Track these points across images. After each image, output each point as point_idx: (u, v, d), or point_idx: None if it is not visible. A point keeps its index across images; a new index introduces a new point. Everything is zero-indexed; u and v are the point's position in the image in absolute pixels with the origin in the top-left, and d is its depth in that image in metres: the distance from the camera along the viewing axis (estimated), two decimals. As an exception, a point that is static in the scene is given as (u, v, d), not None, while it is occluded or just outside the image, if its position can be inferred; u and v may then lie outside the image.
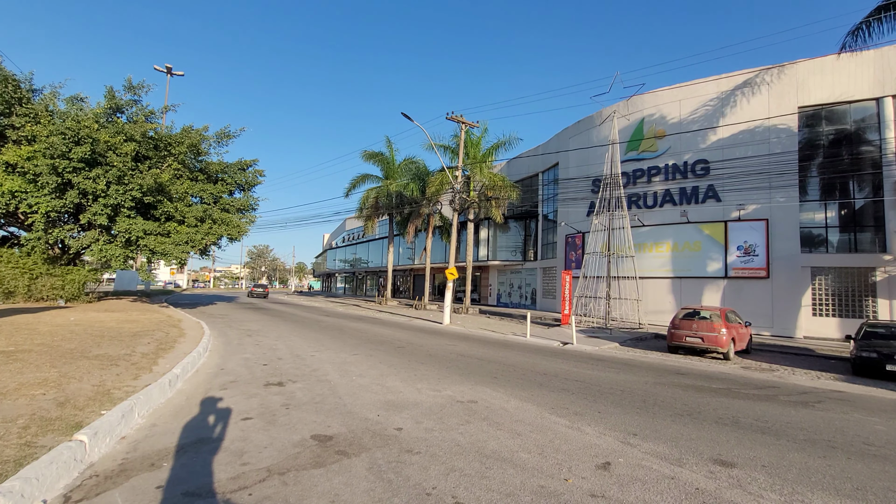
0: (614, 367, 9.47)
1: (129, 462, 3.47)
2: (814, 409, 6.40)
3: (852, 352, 10.71)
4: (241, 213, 20.71)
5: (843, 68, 18.29)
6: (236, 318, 17.29)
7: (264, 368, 7.36)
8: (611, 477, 3.51)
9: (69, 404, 4.21)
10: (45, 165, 14.84)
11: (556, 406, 5.70)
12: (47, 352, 6.68)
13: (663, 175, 22.76)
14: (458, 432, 4.45)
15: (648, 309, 21.37)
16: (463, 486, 3.24)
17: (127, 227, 16.36)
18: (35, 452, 3.08)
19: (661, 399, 6.45)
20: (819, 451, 4.42)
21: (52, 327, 9.47)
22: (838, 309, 18.54)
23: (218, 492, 3.03)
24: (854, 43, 13.65)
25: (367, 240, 51.18)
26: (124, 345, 7.86)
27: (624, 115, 23.75)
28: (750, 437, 4.77)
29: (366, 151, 31.17)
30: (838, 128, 19.11)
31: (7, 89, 15.23)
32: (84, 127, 15.07)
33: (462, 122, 21.03)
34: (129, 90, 17.97)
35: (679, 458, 4.00)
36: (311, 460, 3.60)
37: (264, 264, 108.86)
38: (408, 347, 10.73)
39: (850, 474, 3.83)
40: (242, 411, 4.91)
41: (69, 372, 5.49)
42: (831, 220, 19.21)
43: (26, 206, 15.30)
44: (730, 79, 21.02)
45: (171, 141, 17.87)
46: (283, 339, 11.36)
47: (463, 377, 7.32)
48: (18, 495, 2.59)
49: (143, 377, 5.56)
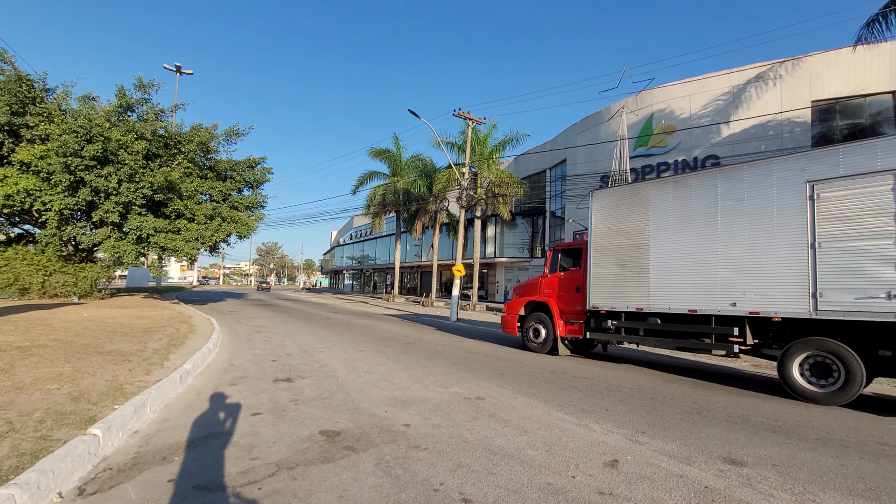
0: (622, 364, 9.42)
1: (141, 456, 3.52)
2: (825, 407, 6.31)
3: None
4: (250, 210, 20.87)
5: (859, 61, 17.93)
6: (245, 314, 17.46)
7: (273, 364, 7.43)
8: (619, 474, 3.50)
9: (83, 399, 4.28)
10: (59, 164, 15.07)
11: (564, 403, 5.69)
12: (62, 347, 6.80)
13: (673, 171, 22.52)
14: (465, 429, 4.46)
15: (657, 306, 21.18)
16: (470, 482, 3.25)
17: (138, 224, 16.58)
18: (50, 446, 3.14)
19: (670, 396, 6.40)
20: (831, 450, 4.37)
21: (66, 323, 9.64)
22: (852, 306, 18.26)
23: (228, 486, 3.07)
24: (870, 35, 13.38)
25: (375, 237, 51.34)
26: (136, 340, 7.98)
27: (633, 111, 23.51)
28: (760, 435, 4.73)
29: (373, 149, 31.26)
30: (853, 122, 18.77)
31: (21, 89, 15.46)
32: (96, 125, 15.27)
33: (469, 118, 20.96)
34: (140, 89, 18.14)
35: (688, 456, 3.97)
36: (319, 455, 3.63)
37: (273, 261, 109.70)
38: (415, 344, 10.76)
39: (863, 474, 3.78)
40: (252, 406, 4.96)
41: (83, 367, 5.59)
42: (845, 216, 18.90)
43: (40, 204, 15.56)
44: (741, 73, 20.72)
45: (181, 139, 18.03)
46: (292, 335, 11.45)
47: (470, 374, 7.33)
48: (35, 487, 2.65)
49: (155, 372, 5.64)
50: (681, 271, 7.94)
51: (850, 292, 6.12)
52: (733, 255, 7.25)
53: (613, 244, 8.99)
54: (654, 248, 8.31)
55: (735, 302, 7.19)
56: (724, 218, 7.40)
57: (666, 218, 8.21)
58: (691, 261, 7.80)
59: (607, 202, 9.28)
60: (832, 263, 6.28)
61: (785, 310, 6.69)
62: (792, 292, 6.60)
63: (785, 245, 6.73)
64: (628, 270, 8.66)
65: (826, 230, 6.35)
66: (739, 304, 7.15)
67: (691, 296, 7.76)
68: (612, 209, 9.14)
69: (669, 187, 8.29)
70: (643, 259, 8.44)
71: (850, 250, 6.16)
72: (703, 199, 7.74)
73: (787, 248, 6.71)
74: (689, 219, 7.88)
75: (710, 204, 7.62)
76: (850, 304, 6.11)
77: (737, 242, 7.23)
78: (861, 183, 6.12)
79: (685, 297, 7.83)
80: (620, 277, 8.78)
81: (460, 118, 20.93)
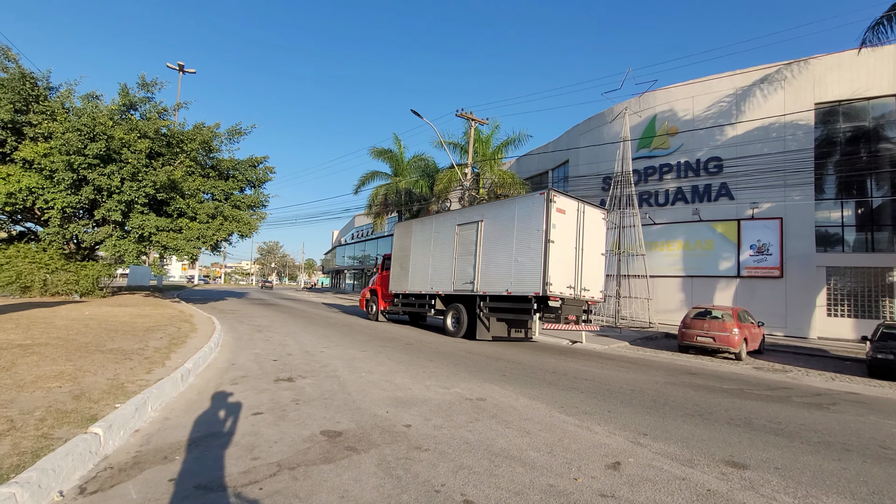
0: (624, 366, 9.40)
1: (142, 455, 3.52)
2: (828, 410, 6.29)
3: (868, 353, 10.52)
4: (252, 209, 20.87)
5: (863, 64, 17.89)
6: (246, 313, 17.47)
7: (274, 364, 7.42)
8: (621, 477, 3.49)
9: (84, 397, 4.28)
10: (62, 162, 15.08)
11: (566, 405, 5.68)
12: (63, 345, 6.80)
13: (675, 173, 22.49)
14: (466, 430, 4.45)
15: (659, 308, 21.18)
16: (472, 483, 3.24)
17: (140, 222, 16.58)
18: (51, 444, 3.14)
19: (672, 399, 6.38)
20: (834, 453, 4.35)
21: (67, 321, 9.65)
22: (854, 309, 18.21)
23: (229, 485, 3.06)
24: (874, 38, 13.35)
25: (376, 237, 51.32)
26: (138, 339, 7.98)
27: (636, 112, 23.47)
28: (763, 438, 4.71)
29: (375, 148, 31.22)
30: (856, 125, 18.71)
31: (25, 87, 15.49)
32: (99, 124, 15.28)
33: (472, 118, 20.96)
34: (143, 87, 18.15)
35: (690, 459, 3.95)
36: (320, 456, 3.62)
37: (274, 261, 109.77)
38: (416, 344, 10.75)
39: (865, 478, 3.76)
40: (253, 406, 4.95)
41: (84, 365, 5.59)
42: (847, 218, 18.84)
43: (43, 202, 15.57)
44: (745, 75, 20.68)
45: (184, 138, 18.04)
46: (293, 335, 11.45)
47: (471, 374, 7.32)
48: (35, 486, 2.65)
49: (156, 371, 5.64)
50: (419, 271, 14.67)
51: (462, 281, 12.76)
52: (433, 263, 14.06)
53: (398, 255, 16.02)
54: (412, 258, 15.14)
55: (433, 287, 13.88)
56: (434, 243, 14.17)
57: (417, 241, 15.05)
58: (422, 265, 14.60)
59: (399, 231, 16.44)
60: (459, 267, 13.02)
61: (445, 290, 13.41)
62: (448, 281, 13.27)
63: (448, 257, 13.47)
64: (402, 271, 15.54)
65: (458, 250, 13.11)
66: (435, 288, 13.79)
67: (421, 284, 14.53)
68: (400, 234, 16.21)
69: (419, 225, 15.40)
70: (407, 264, 15.32)
71: (464, 261, 12.86)
72: (425, 233, 14.75)
73: (448, 259, 13.44)
74: (422, 242, 14.75)
75: (427, 235, 14.63)
76: (463, 286, 12.74)
77: (434, 256, 14.04)
78: (467, 227, 12.95)
79: (420, 285, 14.59)
80: (400, 275, 15.67)
81: (463, 118, 20.92)
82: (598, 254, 11.93)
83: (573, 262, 11.14)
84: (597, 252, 11.88)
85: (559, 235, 10.66)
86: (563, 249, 10.79)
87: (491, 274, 11.88)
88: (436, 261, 13.83)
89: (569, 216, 11.06)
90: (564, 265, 10.86)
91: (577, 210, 11.37)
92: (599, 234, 12.02)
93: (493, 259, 11.86)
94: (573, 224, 11.18)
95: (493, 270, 11.81)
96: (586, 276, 11.45)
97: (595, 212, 12.01)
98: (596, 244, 11.85)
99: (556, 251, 10.57)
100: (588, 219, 11.59)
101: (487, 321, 12.15)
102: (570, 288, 11.00)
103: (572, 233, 11.14)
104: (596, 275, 11.84)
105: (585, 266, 11.41)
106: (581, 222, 11.38)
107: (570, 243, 11.07)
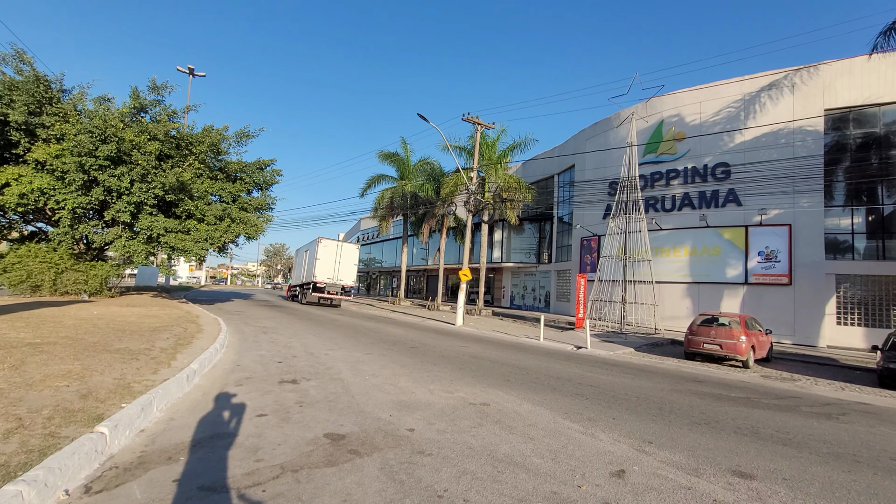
0: (629, 372, 9.33)
1: (147, 455, 3.54)
2: (838, 421, 6.20)
3: (879, 363, 10.34)
4: (259, 212, 21.04)
5: (874, 70, 17.70)
6: (252, 315, 17.56)
7: (279, 366, 7.45)
8: (625, 485, 3.45)
9: (91, 396, 4.32)
10: (73, 163, 15.29)
11: (570, 411, 5.64)
12: (71, 345, 6.87)
13: (682, 178, 22.34)
14: (470, 435, 4.43)
15: (665, 314, 21.01)
16: (475, 489, 3.23)
17: (149, 224, 16.76)
18: (58, 443, 3.17)
19: (678, 406, 6.32)
20: (843, 465, 4.28)
21: (76, 321, 9.75)
22: (864, 318, 17.95)
23: (232, 487, 3.07)
24: (886, 43, 13.21)
25: (382, 240, 51.46)
26: (144, 339, 8.05)
27: (642, 117, 23.38)
28: (770, 448, 4.65)
29: (381, 152, 31.36)
30: (867, 131, 18.51)
31: (39, 89, 15.75)
32: (110, 126, 15.49)
33: (478, 123, 20.99)
34: (153, 90, 18.40)
35: (696, 468, 3.91)
36: (323, 459, 3.62)
37: (280, 262, 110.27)
38: (420, 348, 10.75)
39: (876, 490, 3.70)
40: (257, 408, 4.97)
41: (92, 365, 5.64)
42: (858, 226, 18.60)
43: (54, 203, 15.79)
44: (753, 80, 20.54)
45: (193, 140, 18.24)
46: (298, 336, 11.49)
47: (475, 379, 7.29)
48: (42, 484, 2.67)
49: (162, 371, 5.68)
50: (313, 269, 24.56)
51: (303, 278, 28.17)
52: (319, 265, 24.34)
53: (302, 260, 29.03)
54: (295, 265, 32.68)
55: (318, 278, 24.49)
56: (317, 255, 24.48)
57: (314, 251, 24.79)
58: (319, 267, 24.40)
59: (311, 245, 26.76)
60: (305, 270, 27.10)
61: (326, 281, 24.70)
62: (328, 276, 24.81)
63: (301, 265, 29.85)
64: (303, 271, 27.66)
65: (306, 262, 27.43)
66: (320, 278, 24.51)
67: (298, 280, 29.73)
68: (309, 246, 27.06)
69: (319, 244, 24.69)
70: (312, 265, 24.76)
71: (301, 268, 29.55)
72: (311, 249, 25.84)
73: (302, 266, 29.08)
74: (316, 252, 24.49)
75: (312, 251, 25.45)
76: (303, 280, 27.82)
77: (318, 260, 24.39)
78: (304, 251, 29.31)
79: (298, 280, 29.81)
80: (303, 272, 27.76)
81: (469, 123, 20.95)
82: (351, 264, 25.33)
83: (333, 267, 24.67)
84: (350, 263, 25.33)
85: (323, 256, 24.41)
86: (325, 262, 24.45)
87: (304, 274, 26.76)
88: (318, 266, 24.49)
89: (331, 247, 24.91)
90: (326, 269, 24.46)
91: (337, 244, 25.36)
92: (353, 254, 25.68)
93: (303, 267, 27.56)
94: (334, 251, 24.90)
95: (305, 272, 26.83)
96: (341, 273, 24.93)
97: (350, 245, 26.17)
98: (350, 259, 25.37)
99: (321, 263, 24.34)
100: (345, 247, 25.57)
101: (305, 295, 26.10)
102: (329, 278, 24.49)
103: (332, 255, 24.71)
104: (348, 274, 25.27)
105: (341, 269, 24.91)
106: (340, 249, 25.14)
107: (331, 259, 24.60)
